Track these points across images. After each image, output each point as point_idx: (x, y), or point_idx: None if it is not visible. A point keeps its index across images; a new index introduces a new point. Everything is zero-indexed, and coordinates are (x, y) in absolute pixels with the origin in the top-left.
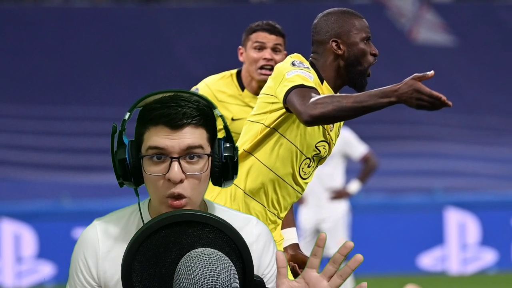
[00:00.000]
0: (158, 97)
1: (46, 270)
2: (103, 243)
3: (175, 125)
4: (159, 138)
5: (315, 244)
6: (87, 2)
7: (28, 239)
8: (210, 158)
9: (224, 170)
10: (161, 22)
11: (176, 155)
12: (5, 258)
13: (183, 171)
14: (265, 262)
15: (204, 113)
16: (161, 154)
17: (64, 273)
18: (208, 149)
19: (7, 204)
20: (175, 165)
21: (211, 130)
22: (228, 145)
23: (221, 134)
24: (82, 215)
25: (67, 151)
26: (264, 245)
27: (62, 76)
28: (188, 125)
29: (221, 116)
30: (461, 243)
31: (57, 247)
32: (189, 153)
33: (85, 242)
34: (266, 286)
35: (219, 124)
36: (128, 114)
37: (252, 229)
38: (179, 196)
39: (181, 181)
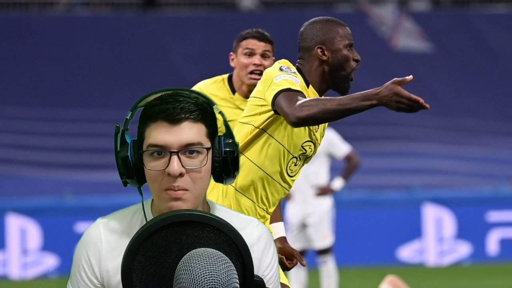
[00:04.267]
0: (158, 95)
1: (50, 262)
2: (106, 242)
3: (174, 119)
4: (159, 134)
5: None
6: (88, 11)
7: (33, 232)
8: (210, 153)
9: (225, 166)
10: (158, 30)
11: (175, 150)
12: (12, 250)
13: (182, 165)
14: (265, 263)
15: (203, 108)
16: (161, 150)
17: (67, 265)
18: (207, 144)
19: (13, 200)
20: (175, 159)
21: (211, 126)
22: (228, 141)
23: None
24: (84, 210)
25: (69, 151)
26: (265, 246)
27: (65, 81)
28: (186, 120)
29: (221, 113)
30: (438, 237)
31: (60, 241)
32: (187, 148)
33: (88, 241)
34: (266, 286)
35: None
36: (130, 113)
37: (253, 230)
38: (179, 189)
39: (181, 175)
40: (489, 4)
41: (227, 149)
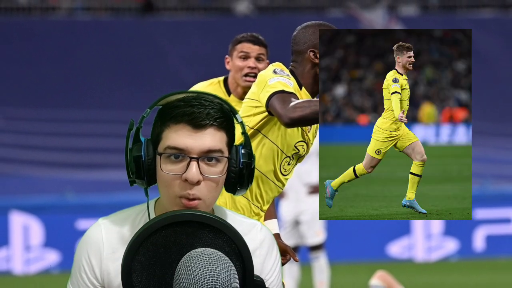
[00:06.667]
0: (181, 96)
1: (52, 257)
2: (108, 244)
3: (198, 124)
4: (180, 137)
5: None
6: (88, 16)
7: (36, 229)
8: (228, 162)
9: (240, 177)
10: (156, 34)
11: (195, 156)
12: (15, 246)
13: (201, 173)
14: (267, 267)
15: (227, 116)
16: (180, 154)
17: (68, 261)
18: (227, 153)
19: (17, 198)
20: (194, 165)
21: (231, 135)
22: (246, 152)
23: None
24: (84, 208)
25: (70, 150)
26: (268, 251)
27: (66, 82)
28: (210, 126)
29: (241, 123)
30: (426, 233)
31: (62, 237)
32: (208, 155)
33: (90, 242)
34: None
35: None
36: (148, 111)
37: (256, 235)
38: (194, 198)
39: (198, 183)
40: (476, 9)
41: (245, 160)
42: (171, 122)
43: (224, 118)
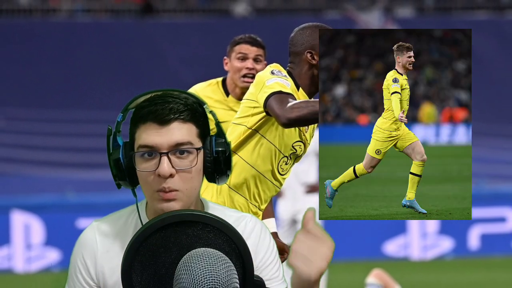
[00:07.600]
0: (148, 96)
1: (53, 256)
2: (101, 244)
3: (163, 120)
4: (148, 135)
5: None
6: (89, 18)
7: (37, 228)
8: (202, 153)
9: (216, 165)
10: (155, 35)
11: (165, 150)
12: (16, 245)
13: (172, 166)
14: (263, 249)
15: (192, 109)
16: (151, 151)
17: (69, 259)
18: (198, 144)
19: (18, 197)
20: (165, 160)
21: (201, 126)
22: (220, 141)
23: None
24: (84, 207)
25: (71, 150)
26: (259, 239)
27: (66, 83)
28: (175, 120)
29: (212, 112)
30: (422, 232)
31: (62, 236)
32: (178, 148)
33: (84, 243)
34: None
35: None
36: (121, 115)
37: (246, 224)
38: (170, 190)
39: (172, 176)
40: (471, 11)
41: (219, 149)
42: (140, 122)
43: (189, 110)
